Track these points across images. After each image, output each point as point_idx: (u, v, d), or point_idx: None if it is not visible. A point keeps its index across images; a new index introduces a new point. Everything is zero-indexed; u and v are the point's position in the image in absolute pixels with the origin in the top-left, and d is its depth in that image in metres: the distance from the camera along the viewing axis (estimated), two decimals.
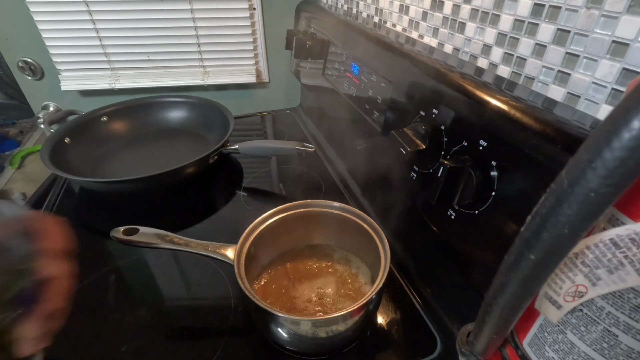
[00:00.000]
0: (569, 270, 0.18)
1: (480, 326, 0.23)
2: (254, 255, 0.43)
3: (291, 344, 0.39)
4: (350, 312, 0.35)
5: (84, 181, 0.61)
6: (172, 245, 0.42)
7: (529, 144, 0.30)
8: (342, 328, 0.37)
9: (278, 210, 0.46)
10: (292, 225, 0.47)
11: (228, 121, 0.74)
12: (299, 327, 0.36)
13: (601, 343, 0.20)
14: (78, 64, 0.90)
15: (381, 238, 0.42)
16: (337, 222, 0.47)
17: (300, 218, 0.47)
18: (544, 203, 0.15)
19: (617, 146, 0.12)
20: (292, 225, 0.47)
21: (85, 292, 0.48)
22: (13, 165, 1.18)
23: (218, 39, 0.91)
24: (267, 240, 0.45)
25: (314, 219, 0.47)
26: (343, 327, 0.37)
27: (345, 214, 0.46)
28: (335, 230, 0.48)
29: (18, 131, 1.70)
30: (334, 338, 0.37)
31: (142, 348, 0.42)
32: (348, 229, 0.46)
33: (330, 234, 0.49)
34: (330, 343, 0.39)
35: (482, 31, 0.44)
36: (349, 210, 0.46)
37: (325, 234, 0.49)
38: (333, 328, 0.36)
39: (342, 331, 0.37)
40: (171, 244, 0.42)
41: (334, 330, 0.36)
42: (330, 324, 0.36)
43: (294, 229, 0.48)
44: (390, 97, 0.51)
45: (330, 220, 0.47)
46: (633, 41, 0.29)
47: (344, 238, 0.49)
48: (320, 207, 0.47)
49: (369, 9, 0.72)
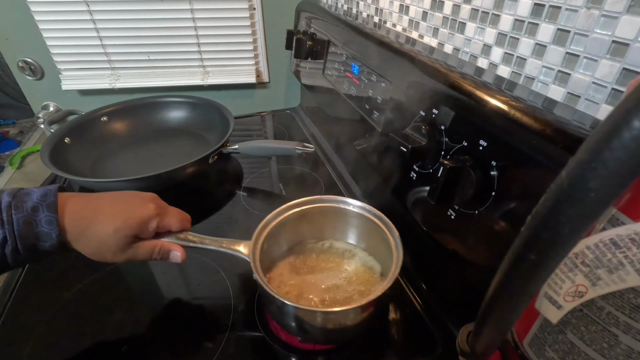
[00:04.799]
0: (569, 270, 0.18)
1: (480, 326, 0.23)
2: (267, 250, 0.44)
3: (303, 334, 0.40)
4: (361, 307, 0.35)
5: (84, 181, 0.61)
6: (186, 242, 0.42)
7: (529, 144, 0.30)
8: (350, 322, 0.38)
9: (291, 205, 0.47)
10: (304, 220, 0.48)
11: (228, 121, 0.74)
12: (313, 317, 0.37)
13: (601, 343, 0.20)
14: (78, 64, 0.90)
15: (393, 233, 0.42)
16: (350, 218, 0.48)
17: (313, 213, 0.48)
18: (544, 203, 0.15)
19: (617, 146, 0.12)
20: (304, 220, 0.48)
21: (86, 292, 0.48)
22: (13, 165, 1.18)
23: (218, 39, 0.91)
24: (279, 235, 0.46)
25: (326, 214, 0.48)
26: (351, 321, 0.38)
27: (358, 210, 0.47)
28: (347, 225, 0.49)
29: (18, 131, 1.70)
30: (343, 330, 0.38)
31: (142, 348, 0.42)
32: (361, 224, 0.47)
33: (342, 229, 0.50)
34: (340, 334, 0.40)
35: (482, 31, 0.44)
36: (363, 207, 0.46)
37: (337, 229, 0.50)
38: (342, 321, 0.37)
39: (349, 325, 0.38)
40: (185, 242, 0.42)
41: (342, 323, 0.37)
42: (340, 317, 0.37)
43: (306, 224, 0.48)
44: (390, 97, 0.51)
45: (342, 216, 0.48)
46: (633, 41, 0.29)
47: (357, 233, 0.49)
48: (332, 202, 0.48)
49: (369, 9, 0.72)
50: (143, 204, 0.40)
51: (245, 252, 0.41)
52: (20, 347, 0.41)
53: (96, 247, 0.37)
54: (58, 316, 0.45)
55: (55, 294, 0.48)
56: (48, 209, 0.34)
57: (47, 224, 0.34)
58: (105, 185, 0.60)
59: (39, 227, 0.34)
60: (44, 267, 0.52)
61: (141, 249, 0.39)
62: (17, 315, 0.45)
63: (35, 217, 0.34)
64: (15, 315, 0.45)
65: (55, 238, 0.34)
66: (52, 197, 0.35)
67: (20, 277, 0.50)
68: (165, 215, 0.41)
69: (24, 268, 0.51)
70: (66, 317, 0.45)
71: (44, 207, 0.34)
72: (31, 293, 0.48)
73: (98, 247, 0.37)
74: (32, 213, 0.33)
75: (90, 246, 0.37)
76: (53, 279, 0.50)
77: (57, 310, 0.46)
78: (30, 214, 0.33)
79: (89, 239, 0.36)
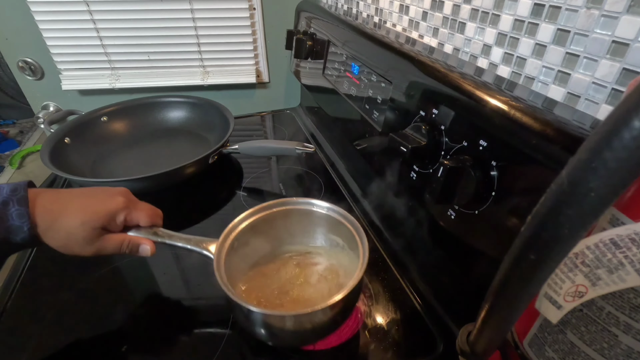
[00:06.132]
0: (569, 270, 0.18)
1: (480, 326, 0.23)
2: (237, 250, 0.43)
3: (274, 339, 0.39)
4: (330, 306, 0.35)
5: (84, 181, 0.61)
6: (155, 237, 0.42)
7: (529, 144, 0.30)
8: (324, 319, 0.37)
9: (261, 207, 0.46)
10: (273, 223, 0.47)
11: (228, 121, 0.74)
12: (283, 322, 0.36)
13: (601, 343, 0.20)
14: (78, 64, 0.90)
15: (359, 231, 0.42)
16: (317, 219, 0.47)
17: (281, 216, 0.47)
18: (544, 203, 0.15)
19: (617, 146, 0.12)
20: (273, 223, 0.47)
21: (86, 292, 0.48)
22: (13, 165, 1.18)
23: (218, 39, 0.91)
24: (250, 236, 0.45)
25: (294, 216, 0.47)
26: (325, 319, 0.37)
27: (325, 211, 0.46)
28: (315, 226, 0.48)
29: (18, 131, 1.70)
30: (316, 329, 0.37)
31: (142, 348, 0.42)
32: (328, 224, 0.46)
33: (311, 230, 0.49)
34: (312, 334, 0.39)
35: (482, 31, 0.44)
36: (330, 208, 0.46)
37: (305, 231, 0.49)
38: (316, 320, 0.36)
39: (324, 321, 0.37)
40: (154, 237, 0.42)
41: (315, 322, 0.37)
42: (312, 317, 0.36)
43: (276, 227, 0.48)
44: (390, 97, 0.51)
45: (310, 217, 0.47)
46: (633, 41, 0.29)
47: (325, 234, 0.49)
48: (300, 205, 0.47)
49: (369, 9, 0.72)
50: (112, 197, 0.40)
51: (213, 251, 0.40)
52: (20, 347, 0.41)
53: (64, 240, 0.37)
54: (58, 316, 0.45)
55: (56, 293, 0.48)
56: (18, 203, 0.35)
57: (17, 218, 0.34)
58: (105, 185, 0.60)
59: (9, 221, 0.34)
60: (44, 267, 0.52)
61: (109, 242, 0.39)
62: (17, 316, 0.45)
63: (6, 211, 0.34)
64: (15, 315, 0.45)
65: (27, 231, 0.35)
66: (22, 191, 0.35)
67: (20, 277, 0.50)
68: (133, 209, 0.41)
69: (24, 268, 0.51)
70: (66, 317, 0.45)
71: (14, 201, 0.34)
72: (31, 293, 0.48)
73: (66, 240, 0.37)
74: (2, 207, 0.34)
75: (58, 238, 0.37)
76: (53, 279, 0.50)
77: (57, 310, 0.46)
78: (1, 208, 0.34)
79: (57, 231, 0.37)
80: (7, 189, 0.35)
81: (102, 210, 0.39)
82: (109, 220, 0.39)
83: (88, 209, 0.38)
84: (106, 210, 0.39)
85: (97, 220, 0.38)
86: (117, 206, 0.40)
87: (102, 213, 0.38)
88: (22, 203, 0.35)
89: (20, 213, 0.34)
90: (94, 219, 0.38)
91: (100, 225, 0.38)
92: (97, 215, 0.38)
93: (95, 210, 0.38)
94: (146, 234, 0.42)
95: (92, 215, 0.38)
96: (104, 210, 0.39)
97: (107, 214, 0.39)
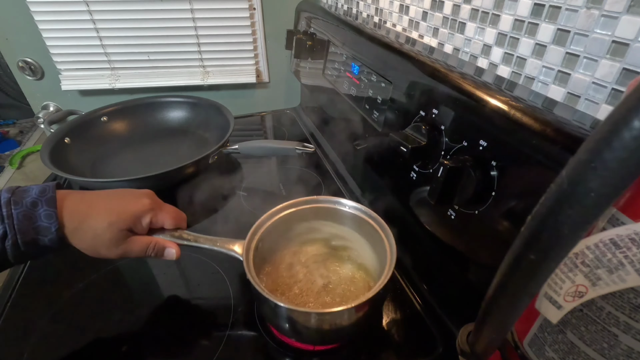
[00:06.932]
0: (569, 270, 0.18)
1: (480, 326, 0.23)
2: (261, 249, 0.43)
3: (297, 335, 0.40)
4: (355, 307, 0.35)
5: (84, 181, 0.61)
6: (180, 240, 0.42)
7: (529, 144, 0.30)
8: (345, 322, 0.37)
9: (286, 205, 0.46)
10: (299, 221, 0.48)
11: (228, 121, 0.74)
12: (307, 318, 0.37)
13: (601, 343, 0.20)
14: (78, 64, 0.90)
15: (386, 233, 0.42)
16: (344, 218, 0.47)
17: (308, 213, 0.47)
18: (544, 203, 0.15)
19: (617, 146, 0.12)
20: (299, 221, 0.48)
21: (86, 292, 0.48)
22: (13, 165, 1.18)
23: (218, 39, 0.91)
24: (274, 235, 0.46)
25: (321, 214, 0.48)
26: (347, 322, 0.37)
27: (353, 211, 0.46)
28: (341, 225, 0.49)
29: (18, 131, 1.70)
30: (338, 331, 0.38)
31: (142, 348, 0.42)
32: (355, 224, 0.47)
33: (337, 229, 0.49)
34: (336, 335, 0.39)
35: (482, 31, 0.44)
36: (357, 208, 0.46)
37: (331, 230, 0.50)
38: (337, 321, 0.37)
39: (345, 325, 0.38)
40: (180, 239, 0.42)
41: (337, 323, 0.37)
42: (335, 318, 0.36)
43: (301, 224, 0.48)
44: (390, 97, 0.51)
45: (337, 216, 0.48)
46: (633, 41, 0.29)
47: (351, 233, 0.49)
48: (327, 203, 0.47)
49: (369, 9, 0.72)
50: (138, 199, 0.40)
51: (239, 251, 0.41)
52: (20, 347, 0.41)
53: (91, 241, 0.37)
54: (58, 316, 0.45)
55: (56, 293, 0.48)
56: (47, 203, 0.35)
57: (46, 218, 0.34)
58: (105, 185, 0.60)
59: (38, 221, 0.34)
60: (44, 267, 0.52)
61: (135, 244, 0.39)
62: (18, 315, 0.45)
63: (34, 212, 0.34)
64: (15, 315, 0.45)
65: (55, 232, 0.34)
66: (51, 192, 0.35)
67: (20, 277, 0.50)
68: (159, 212, 0.41)
69: (24, 268, 0.51)
70: (66, 317, 0.45)
71: (42, 202, 0.35)
72: (31, 293, 0.48)
73: (93, 241, 0.37)
74: (31, 208, 0.34)
75: (85, 240, 0.37)
76: (53, 278, 0.50)
77: (57, 310, 0.46)
78: (30, 209, 0.34)
79: (84, 232, 0.37)
80: (36, 190, 0.35)
81: (128, 212, 0.38)
82: (134, 222, 0.39)
83: (114, 210, 0.38)
84: (132, 212, 0.39)
85: (124, 221, 0.38)
86: (143, 208, 0.40)
87: (128, 214, 0.38)
88: (51, 204, 0.35)
89: (48, 214, 0.34)
90: (120, 220, 0.38)
91: (126, 226, 0.38)
92: (123, 217, 0.38)
93: (121, 211, 0.38)
94: (171, 237, 0.42)
95: (118, 216, 0.38)
96: (130, 212, 0.39)
97: (133, 216, 0.39)
